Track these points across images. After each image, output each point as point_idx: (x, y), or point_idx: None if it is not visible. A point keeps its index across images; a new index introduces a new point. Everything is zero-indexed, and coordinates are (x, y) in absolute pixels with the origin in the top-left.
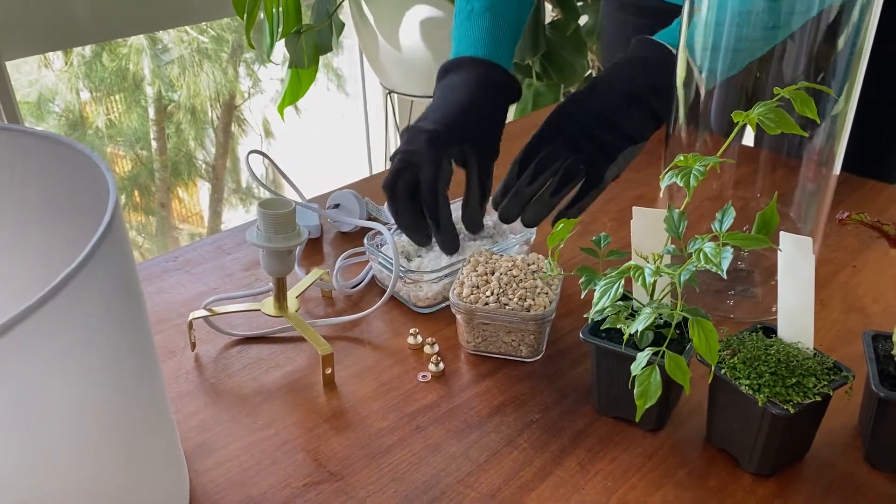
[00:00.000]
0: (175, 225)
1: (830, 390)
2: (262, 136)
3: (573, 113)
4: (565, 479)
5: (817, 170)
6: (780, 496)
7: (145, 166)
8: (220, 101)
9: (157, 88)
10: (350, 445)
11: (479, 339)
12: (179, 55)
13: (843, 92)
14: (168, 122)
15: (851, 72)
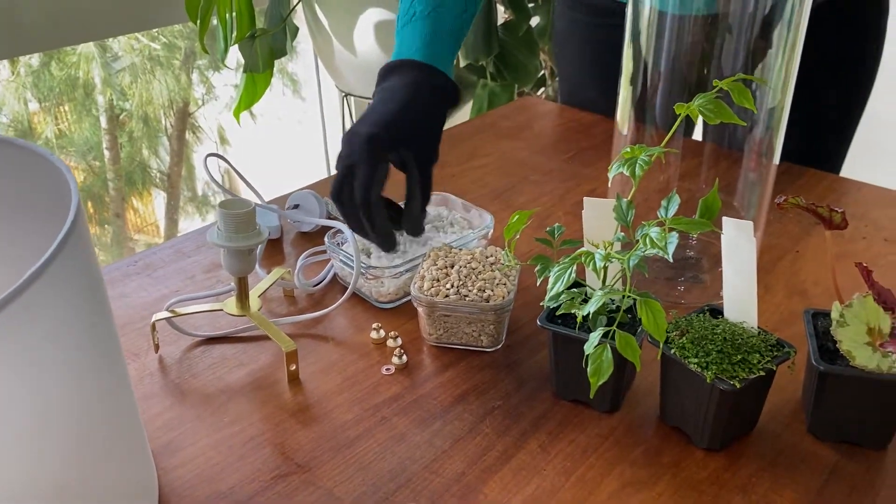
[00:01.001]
0: (130, 236)
1: (774, 365)
2: (218, 143)
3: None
4: (526, 462)
5: (758, 160)
6: (729, 469)
7: (98, 176)
8: (174, 109)
9: (108, 97)
10: (316, 438)
11: (440, 330)
12: (131, 63)
13: (781, 85)
14: (120, 131)
15: (786, 66)
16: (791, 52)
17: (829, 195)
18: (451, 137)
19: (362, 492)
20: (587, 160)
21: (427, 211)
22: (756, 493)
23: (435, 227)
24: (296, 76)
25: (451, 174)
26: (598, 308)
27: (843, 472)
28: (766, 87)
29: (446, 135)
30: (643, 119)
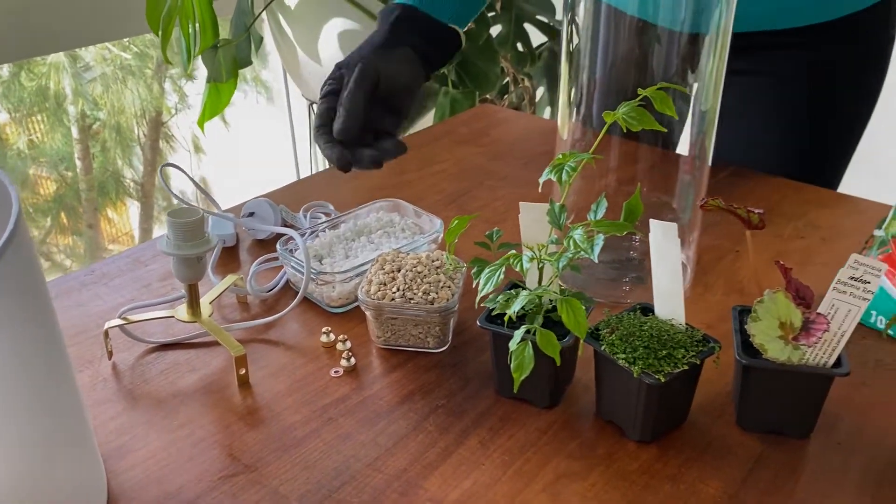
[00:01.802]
0: (105, 246)
1: (698, 360)
2: (192, 152)
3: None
4: (466, 457)
5: (692, 162)
6: (660, 459)
7: (71, 187)
8: (147, 118)
9: (80, 107)
10: (263, 439)
11: (388, 333)
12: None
13: (713, 89)
14: (93, 141)
15: (716, 70)
16: (720, 56)
17: (773, 196)
18: (409, 144)
19: (307, 490)
20: (542, 165)
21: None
22: (684, 481)
23: (386, 233)
24: (269, 84)
25: (408, 180)
26: (534, 308)
27: (767, 461)
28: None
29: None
30: (587, 123)
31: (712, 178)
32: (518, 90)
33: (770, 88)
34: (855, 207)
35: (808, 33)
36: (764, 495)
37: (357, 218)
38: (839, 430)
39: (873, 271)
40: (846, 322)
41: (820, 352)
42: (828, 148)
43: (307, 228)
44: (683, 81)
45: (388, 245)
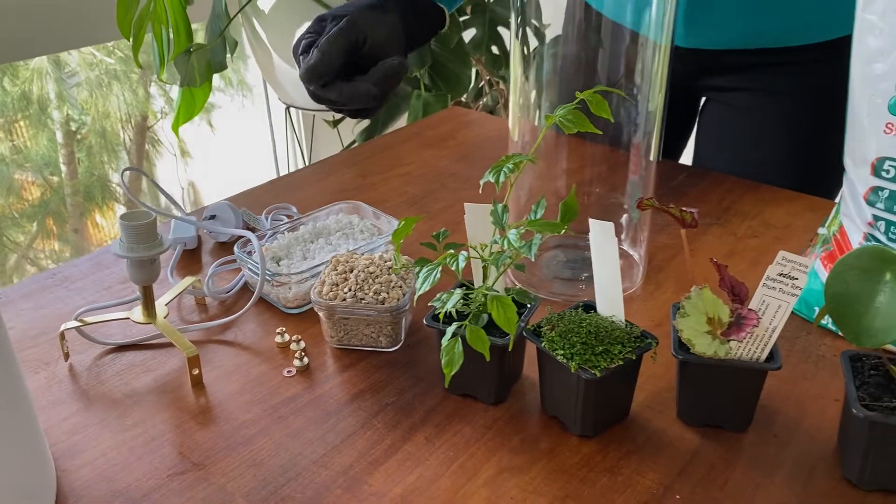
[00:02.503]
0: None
1: (634, 355)
2: (178, 156)
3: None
4: (412, 453)
5: (638, 161)
6: (600, 453)
7: (56, 192)
8: (132, 123)
9: (64, 112)
10: (213, 438)
11: (341, 333)
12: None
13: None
14: (78, 146)
15: (660, 70)
16: (663, 57)
17: (729, 196)
18: (375, 147)
19: (253, 486)
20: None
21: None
22: (622, 474)
23: (344, 235)
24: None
25: (372, 182)
26: (479, 307)
27: (704, 454)
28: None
29: (370, 146)
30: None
31: (673, 179)
32: (493, 93)
33: (771, 105)
34: (809, 206)
35: (810, 51)
36: (697, 486)
37: (316, 220)
38: (777, 423)
39: (801, 268)
40: (777, 318)
41: (753, 347)
42: (832, 162)
43: (267, 230)
44: (630, 83)
45: (345, 247)
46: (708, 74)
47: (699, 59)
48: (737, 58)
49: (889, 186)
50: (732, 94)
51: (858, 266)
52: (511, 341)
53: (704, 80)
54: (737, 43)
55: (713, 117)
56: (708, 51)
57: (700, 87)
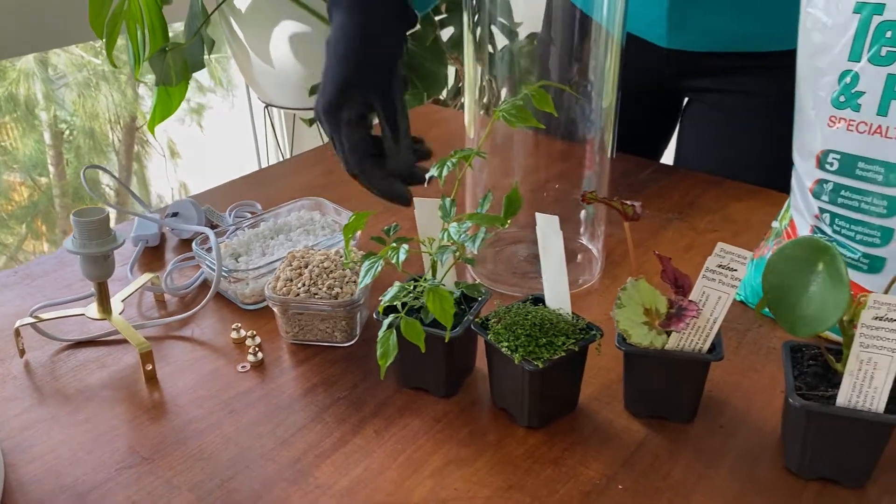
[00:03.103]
0: None
1: (576, 347)
2: (167, 157)
3: None
4: (360, 446)
5: (593, 157)
6: (546, 444)
7: (45, 193)
8: (121, 124)
9: (51, 113)
10: (164, 432)
11: (296, 328)
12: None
13: (611, 86)
14: (67, 147)
15: (613, 67)
16: (615, 55)
17: (692, 191)
18: None
19: (200, 479)
20: (486, 165)
21: (412, 143)
22: (566, 465)
23: (305, 231)
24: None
25: (340, 179)
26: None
27: (649, 444)
28: (601, 91)
29: None
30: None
31: (638, 174)
32: None
33: (754, 108)
34: (770, 201)
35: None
36: (640, 477)
37: (277, 217)
38: (723, 414)
39: (739, 259)
40: (717, 309)
41: (695, 338)
42: None
43: (228, 226)
44: (584, 79)
45: (305, 243)
46: (691, 76)
47: (682, 60)
48: (720, 60)
49: (833, 179)
50: (716, 95)
51: (793, 256)
52: (447, 333)
53: (688, 81)
54: (720, 46)
55: (696, 118)
56: (691, 53)
57: (683, 88)
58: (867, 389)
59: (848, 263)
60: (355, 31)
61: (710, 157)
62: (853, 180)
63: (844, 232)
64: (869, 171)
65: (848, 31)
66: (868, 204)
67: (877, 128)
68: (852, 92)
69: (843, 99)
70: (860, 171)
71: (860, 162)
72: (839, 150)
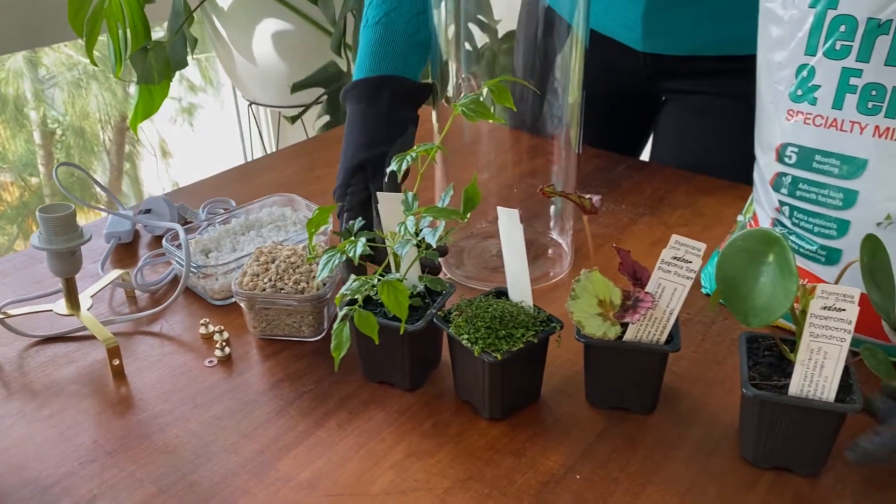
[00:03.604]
0: None
1: (536, 339)
2: (158, 157)
3: None
4: (323, 439)
5: (559, 151)
6: (507, 435)
7: (35, 193)
8: (112, 123)
9: (41, 113)
10: (129, 427)
11: (263, 323)
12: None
13: (576, 83)
14: (57, 147)
15: (577, 65)
16: (579, 53)
17: (664, 186)
18: (323, 142)
19: (162, 472)
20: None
21: None
22: (526, 456)
23: (276, 227)
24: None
25: (316, 176)
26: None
27: (609, 435)
28: (566, 88)
29: (319, 139)
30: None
31: (611, 170)
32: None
33: (732, 109)
34: (739, 195)
35: None
36: (598, 467)
37: (249, 213)
38: (683, 405)
39: (693, 251)
40: (673, 300)
41: (652, 329)
42: None
43: (201, 222)
44: (551, 76)
45: (276, 238)
46: (667, 78)
47: (658, 63)
48: (696, 63)
49: (791, 172)
50: (691, 96)
51: (745, 248)
52: (402, 325)
53: (664, 83)
54: (695, 49)
55: (672, 118)
56: (667, 56)
57: (660, 90)
58: (818, 378)
59: (806, 255)
60: (359, 118)
61: (684, 156)
62: (811, 173)
63: (803, 224)
64: (825, 164)
65: (804, 26)
66: (825, 197)
67: (832, 121)
68: (809, 86)
69: (800, 93)
70: (817, 164)
71: (817, 155)
72: (797, 144)
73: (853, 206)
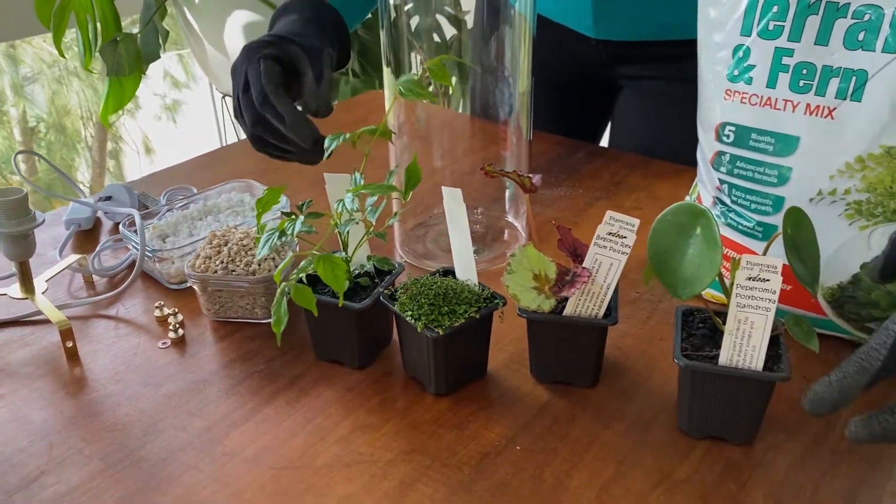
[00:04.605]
0: None
1: (478, 314)
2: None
3: None
4: (271, 416)
5: (510, 138)
6: (452, 410)
7: None
8: (93, 120)
9: (21, 109)
10: (80, 406)
11: (216, 305)
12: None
13: (527, 72)
14: (38, 143)
15: (525, 55)
16: (528, 40)
17: (621, 171)
18: None
19: (111, 450)
20: (416, 148)
21: (329, 84)
22: (469, 429)
23: (234, 212)
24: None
25: (277, 167)
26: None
27: (551, 408)
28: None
29: None
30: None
31: (570, 156)
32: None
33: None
34: (693, 178)
35: None
36: (538, 438)
37: (207, 199)
38: (626, 379)
39: (628, 227)
40: (610, 275)
41: (590, 304)
42: None
43: (160, 208)
44: (501, 66)
45: (233, 223)
46: (621, 64)
47: (612, 49)
48: (650, 49)
49: (730, 150)
50: (646, 82)
51: (674, 223)
52: (340, 298)
53: (619, 69)
54: (646, 35)
55: (629, 104)
56: (619, 42)
57: (615, 76)
58: (746, 348)
59: (744, 232)
60: (294, 12)
61: (641, 141)
62: (747, 151)
63: (741, 202)
64: (761, 143)
65: (740, 7)
66: (761, 174)
67: (767, 100)
68: (744, 66)
69: (737, 72)
70: (753, 143)
71: (753, 133)
72: (734, 123)
73: (787, 183)
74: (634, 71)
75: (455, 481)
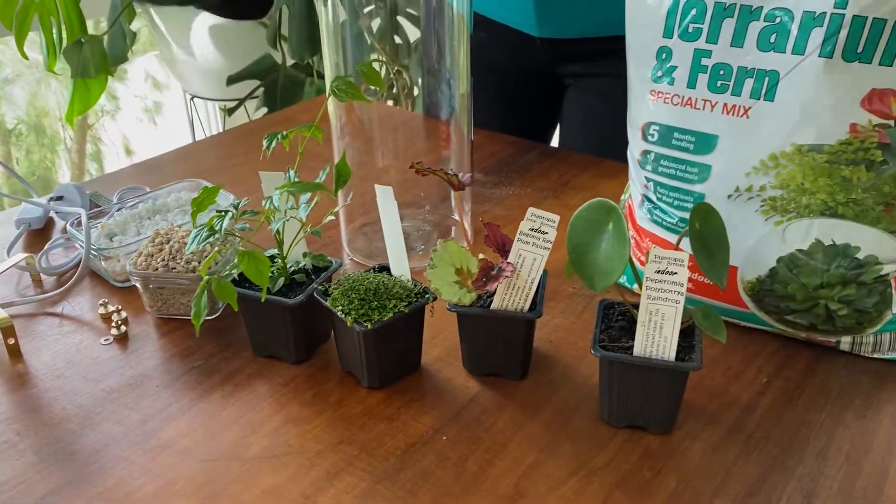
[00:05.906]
0: None
1: (407, 309)
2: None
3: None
4: (205, 410)
5: (450, 138)
6: (384, 402)
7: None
8: None
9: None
10: (18, 401)
11: (159, 303)
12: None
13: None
14: (16, 145)
15: (461, 58)
16: (466, 42)
17: (570, 171)
18: (246, 132)
19: (45, 442)
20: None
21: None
22: (399, 420)
23: (182, 211)
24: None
25: (233, 164)
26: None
27: (479, 400)
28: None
29: (241, 129)
30: None
31: (521, 156)
32: (396, 81)
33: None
34: None
35: None
36: (464, 429)
37: (157, 198)
38: (554, 371)
39: (549, 223)
40: (533, 270)
41: (516, 298)
42: None
43: (110, 207)
44: (443, 68)
45: (180, 222)
46: (566, 62)
47: (556, 48)
48: (592, 45)
49: (654, 149)
50: (590, 79)
51: (589, 219)
52: (263, 293)
53: (564, 67)
54: (588, 31)
55: (577, 103)
56: (562, 40)
57: (561, 74)
58: (658, 339)
59: (668, 228)
60: None
61: (589, 140)
62: (670, 150)
63: (665, 199)
64: (682, 141)
65: (662, 9)
66: (683, 172)
67: (687, 100)
68: (667, 67)
69: (661, 74)
70: (675, 141)
71: (675, 132)
72: (658, 122)
73: (707, 180)
74: (579, 69)
75: (380, 471)
